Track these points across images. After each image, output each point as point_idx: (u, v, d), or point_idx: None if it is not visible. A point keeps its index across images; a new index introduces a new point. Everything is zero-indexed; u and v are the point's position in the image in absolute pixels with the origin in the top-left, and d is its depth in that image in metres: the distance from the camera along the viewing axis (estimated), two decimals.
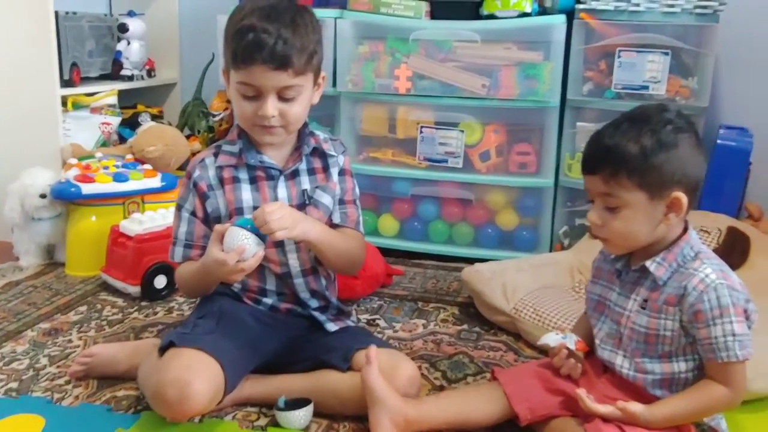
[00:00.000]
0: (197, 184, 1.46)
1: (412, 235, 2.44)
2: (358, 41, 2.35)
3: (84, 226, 2.17)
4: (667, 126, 1.19)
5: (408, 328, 1.87)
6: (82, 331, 1.79)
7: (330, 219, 1.50)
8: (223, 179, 1.46)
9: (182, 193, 1.50)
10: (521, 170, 2.31)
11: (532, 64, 2.20)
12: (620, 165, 1.18)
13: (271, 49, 1.29)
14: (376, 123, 2.40)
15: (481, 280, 1.91)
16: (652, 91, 2.13)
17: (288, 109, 1.37)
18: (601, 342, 1.33)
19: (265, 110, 1.35)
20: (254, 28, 1.30)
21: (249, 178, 1.46)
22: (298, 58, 1.32)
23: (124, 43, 2.77)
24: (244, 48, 1.31)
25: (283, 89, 1.35)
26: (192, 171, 1.48)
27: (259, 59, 1.30)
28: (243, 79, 1.34)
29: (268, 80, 1.33)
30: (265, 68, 1.31)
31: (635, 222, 1.20)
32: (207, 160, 1.48)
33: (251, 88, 1.35)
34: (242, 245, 1.29)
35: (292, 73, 1.33)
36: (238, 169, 1.46)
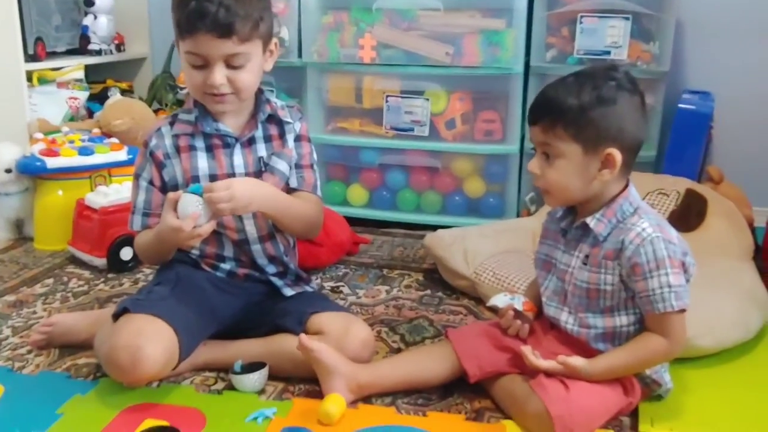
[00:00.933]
0: (154, 153, 1.47)
1: (381, 204, 2.46)
2: (323, 11, 2.35)
3: (51, 200, 2.18)
4: (609, 82, 1.21)
5: (371, 294, 1.89)
6: (47, 303, 1.81)
7: (287, 184, 1.52)
8: (179, 147, 1.47)
9: (139, 162, 1.51)
10: (487, 137, 2.33)
11: (495, 31, 2.21)
12: (558, 116, 1.20)
13: (213, 17, 1.30)
14: (343, 93, 2.41)
15: (442, 246, 1.93)
16: (613, 56, 2.15)
17: (236, 77, 1.38)
18: (548, 299, 1.35)
19: (213, 79, 1.36)
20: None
21: (205, 146, 1.47)
22: (242, 25, 1.33)
23: (91, 18, 2.75)
24: (186, 17, 1.31)
25: (229, 57, 1.35)
26: (149, 140, 1.49)
27: (203, 28, 1.31)
28: (189, 49, 1.35)
29: (213, 49, 1.33)
30: (209, 37, 1.31)
31: (569, 174, 1.22)
32: (163, 129, 1.49)
33: (198, 57, 1.36)
34: (196, 212, 1.30)
35: (237, 41, 1.33)
36: (194, 137, 1.47)
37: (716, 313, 1.52)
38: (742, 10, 2.38)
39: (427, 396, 1.37)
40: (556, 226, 1.36)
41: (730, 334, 1.52)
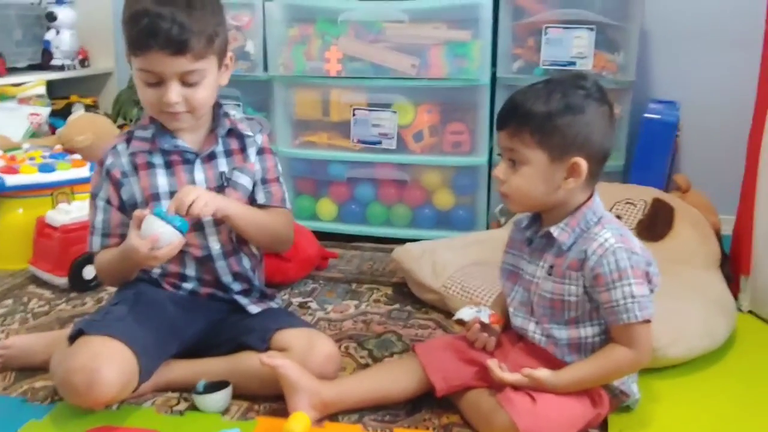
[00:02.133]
0: (110, 172, 1.44)
1: (350, 218, 2.43)
2: (288, 24, 2.33)
3: (11, 218, 2.13)
4: (578, 91, 1.21)
5: (340, 309, 1.86)
6: (5, 325, 1.76)
7: (251, 199, 1.49)
8: (137, 165, 1.43)
9: (95, 181, 1.47)
10: (455, 149, 2.32)
11: (461, 42, 2.21)
12: (525, 122, 1.20)
13: (166, 35, 1.26)
14: (310, 107, 2.39)
15: (410, 259, 1.91)
16: (579, 66, 2.15)
17: (192, 94, 1.35)
18: (515, 310, 1.34)
19: (167, 97, 1.33)
20: (148, 12, 1.27)
21: (164, 163, 1.44)
22: (196, 42, 1.30)
23: (53, 33, 2.72)
24: (138, 34, 1.28)
25: (184, 74, 1.32)
26: (104, 158, 1.45)
27: (155, 46, 1.27)
28: (142, 66, 1.32)
29: (167, 66, 1.30)
30: (162, 54, 1.28)
31: (534, 180, 1.22)
32: (119, 147, 1.45)
33: (152, 75, 1.32)
34: (156, 234, 1.28)
35: (191, 58, 1.30)
36: (152, 154, 1.44)
37: (684, 322, 1.52)
38: (705, 20, 2.41)
39: (395, 412, 1.35)
40: (521, 235, 1.35)
41: (698, 343, 1.52)
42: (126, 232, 1.43)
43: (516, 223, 1.39)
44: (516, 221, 1.40)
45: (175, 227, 1.29)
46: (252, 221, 1.43)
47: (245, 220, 1.41)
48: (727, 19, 2.37)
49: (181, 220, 1.30)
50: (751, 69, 1.85)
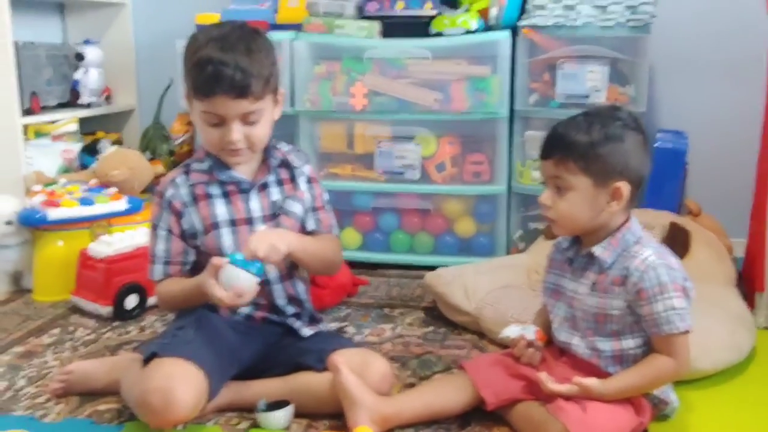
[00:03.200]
0: (171, 203, 1.52)
1: (374, 246, 2.52)
2: (315, 61, 2.44)
3: (51, 251, 2.20)
4: (616, 122, 1.32)
5: (376, 333, 1.94)
6: (57, 353, 1.82)
7: (303, 227, 1.58)
8: (196, 196, 1.52)
9: (156, 212, 1.55)
10: (476, 179, 2.42)
11: (480, 78, 2.32)
12: (569, 151, 1.30)
13: (230, 80, 1.36)
14: (335, 140, 2.49)
15: (442, 283, 2.00)
16: (593, 99, 2.27)
17: (252, 132, 1.45)
18: (559, 325, 1.43)
19: (230, 137, 1.42)
20: (212, 60, 1.37)
21: (221, 193, 1.53)
22: (256, 85, 1.39)
23: (82, 72, 2.81)
24: (204, 81, 1.38)
25: (245, 115, 1.42)
26: (164, 191, 1.54)
27: (220, 91, 1.37)
28: (206, 109, 1.42)
29: (230, 109, 1.40)
30: (226, 98, 1.38)
31: (579, 205, 1.32)
32: (178, 179, 1.54)
33: (215, 117, 1.42)
34: (240, 287, 1.36)
35: (252, 100, 1.40)
36: (209, 185, 1.53)
37: (711, 336, 1.61)
38: (708, 54, 2.55)
39: (447, 426, 1.43)
40: (562, 256, 1.45)
41: (725, 356, 1.61)
42: (186, 260, 1.53)
43: (556, 245, 1.49)
44: (556, 244, 1.49)
45: (254, 274, 1.37)
46: (311, 252, 1.51)
47: (305, 252, 1.49)
48: (731, 51, 2.51)
49: (257, 265, 1.37)
50: (755, 97, 1.97)
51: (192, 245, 1.53)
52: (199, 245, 1.52)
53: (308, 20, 2.44)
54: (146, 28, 3.09)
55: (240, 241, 1.50)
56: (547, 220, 1.39)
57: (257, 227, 1.53)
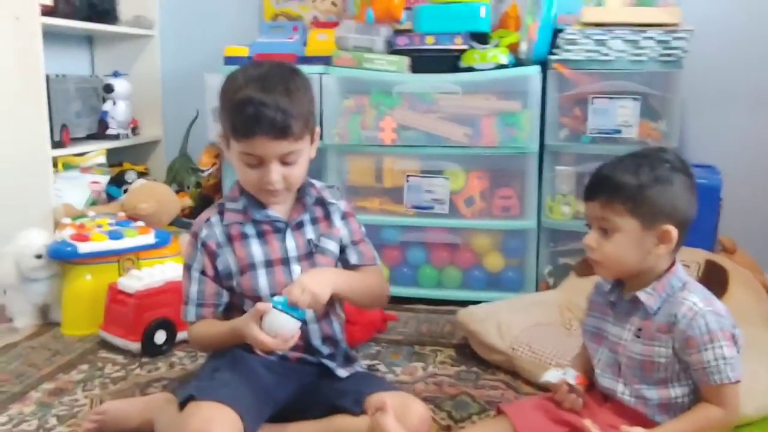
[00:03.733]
0: (206, 244, 1.51)
1: (402, 281, 2.50)
2: (344, 95, 2.45)
3: (80, 285, 2.19)
4: (665, 164, 1.30)
5: (408, 372, 1.92)
6: (87, 390, 1.80)
7: (341, 262, 1.58)
8: (231, 236, 1.51)
9: (190, 253, 1.54)
10: (505, 213, 2.40)
11: (511, 112, 2.31)
12: (616, 192, 1.28)
13: (270, 122, 1.36)
14: (363, 173, 2.48)
15: (475, 321, 1.97)
16: (624, 134, 2.26)
17: (290, 173, 1.44)
18: (601, 371, 1.40)
19: (269, 177, 1.42)
20: (252, 101, 1.36)
21: (256, 233, 1.52)
22: (296, 125, 1.39)
23: (110, 103, 2.83)
24: (244, 121, 1.37)
25: (284, 155, 1.41)
26: (198, 231, 1.53)
27: (260, 132, 1.36)
28: (245, 150, 1.41)
29: (270, 150, 1.39)
30: (266, 139, 1.37)
31: (626, 247, 1.29)
32: (213, 219, 1.53)
33: (254, 158, 1.41)
34: (285, 333, 1.35)
35: (291, 140, 1.40)
36: (244, 225, 1.52)
37: (755, 380, 1.56)
38: (740, 87, 2.54)
39: None
40: (604, 299, 1.42)
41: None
42: (219, 302, 1.52)
43: (597, 287, 1.46)
44: (597, 286, 1.47)
45: (297, 318, 1.36)
46: (358, 289, 1.52)
47: (352, 290, 1.50)
48: (763, 84, 2.49)
49: (295, 311, 1.37)
50: None
51: (226, 286, 1.52)
52: (233, 286, 1.51)
53: (337, 54, 2.44)
54: (173, 60, 3.12)
55: (276, 282, 1.49)
56: (592, 262, 1.36)
57: (293, 267, 1.52)
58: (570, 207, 2.35)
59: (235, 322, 1.42)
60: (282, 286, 1.47)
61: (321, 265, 1.53)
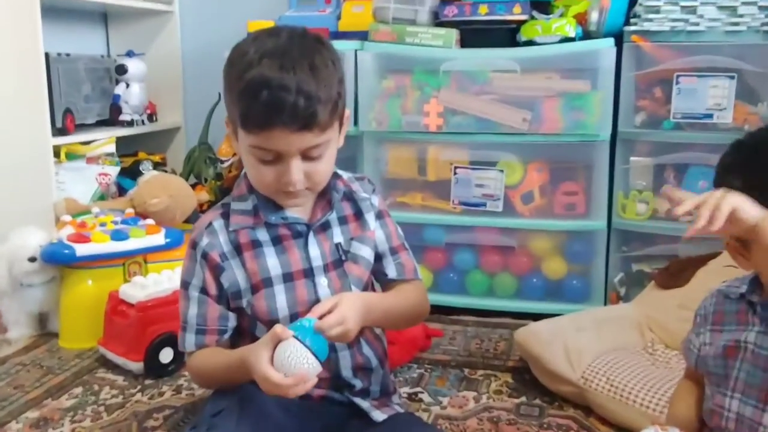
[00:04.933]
0: (207, 255, 1.20)
1: (447, 288, 2.18)
2: (382, 75, 2.13)
3: (79, 291, 1.92)
4: None
5: (457, 403, 1.60)
6: (76, 421, 1.53)
7: (374, 273, 1.29)
8: (239, 245, 1.20)
9: (188, 266, 1.23)
10: (568, 212, 2.07)
11: (578, 94, 1.97)
12: None
13: (292, 110, 1.05)
14: (404, 164, 2.17)
15: (539, 343, 1.64)
16: (716, 119, 1.90)
17: (314, 169, 1.14)
18: (742, 395, 1.05)
19: (289, 177, 1.11)
20: (268, 83, 1.05)
21: (271, 239, 1.21)
22: (323, 112, 1.08)
23: (123, 86, 2.56)
24: (258, 110, 1.06)
25: (307, 149, 1.11)
26: (198, 239, 1.22)
27: (279, 123, 1.05)
28: (258, 144, 1.10)
29: (291, 144, 1.08)
30: (286, 132, 1.06)
31: None
32: (216, 224, 1.22)
33: (269, 153, 1.10)
34: (303, 373, 1.03)
35: (318, 132, 1.09)
36: (255, 229, 1.21)
37: None
38: None
39: None
40: (736, 305, 1.08)
41: None
42: (224, 327, 1.22)
43: (722, 293, 1.11)
44: (721, 291, 1.12)
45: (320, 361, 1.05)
46: (394, 315, 1.24)
47: (387, 318, 1.21)
48: None
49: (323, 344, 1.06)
50: None
51: (234, 307, 1.21)
52: (243, 307, 1.21)
53: (375, 28, 2.12)
54: (195, 38, 2.84)
55: (297, 300, 1.19)
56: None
57: (318, 280, 1.21)
58: (647, 205, 2.00)
59: (243, 352, 1.11)
60: (305, 306, 1.17)
61: (353, 276, 1.23)
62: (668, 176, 2.00)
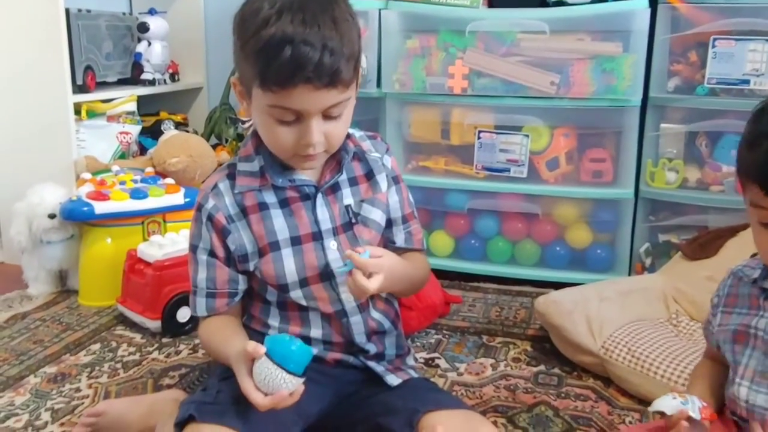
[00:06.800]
0: (213, 217, 1.16)
1: (468, 255, 2.14)
2: (406, 35, 2.07)
3: (98, 249, 1.92)
4: None
5: (474, 370, 1.57)
6: (93, 377, 1.53)
7: (386, 238, 1.25)
8: (245, 208, 1.16)
9: (194, 230, 1.19)
10: (595, 179, 2.01)
11: (609, 57, 1.90)
12: None
13: (317, 67, 0.99)
14: (427, 128, 2.12)
15: (560, 313, 1.60)
16: (753, 85, 1.82)
17: (333, 129, 1.08)
18: (751, 383, 1.01)
19: (309, 138, 1.06)
20: (290, 39, 0.99)
21: (278, 201, 1.17)
22: (347, 68, 1.03)
23: (145, 44, 2.52)
24: (280, 67, 1.00)
25: (329, 108, 1.05)
26: (203, 201, 1.18)
27: (302, 81, 1.00)
28: (278, 103, 1.04)
29: (314, 103, 1.03)
30: (310, 89, 1.01)
31: None
32: (221, 185, 1.18)
33: (290, 113, 1.05)
34: (283, 392, 0.99)
35: (341, 88, 1.04)
36: (262, 191, 1.17)
37: None
38: None
39: None
40: (750, 289, 1.03)
41: None
42: (235, 289, 1.19)
43: (737, 275, 1.07)
44: (735, 274, 1.07)
45: (296, 375, 0.99)
46: (403, 281, 1.19)
47: (396, 284, 1.16)
48: None
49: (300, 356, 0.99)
50: None
51: (242, 270, 1.19)
52: (252, 270, 1.18)
53: None
54: None
55: (307, 264, 1.16)
56: None
57: (327, 243, 1.17)
58: (677, 174, 1.94)
59: (232, 353, 1.06)
60: (314, 271, 1.15)
61: (363, 241, 1.19)
62: (700, 144, 1.93)
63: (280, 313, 1.20)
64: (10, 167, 2.17)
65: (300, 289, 1.17)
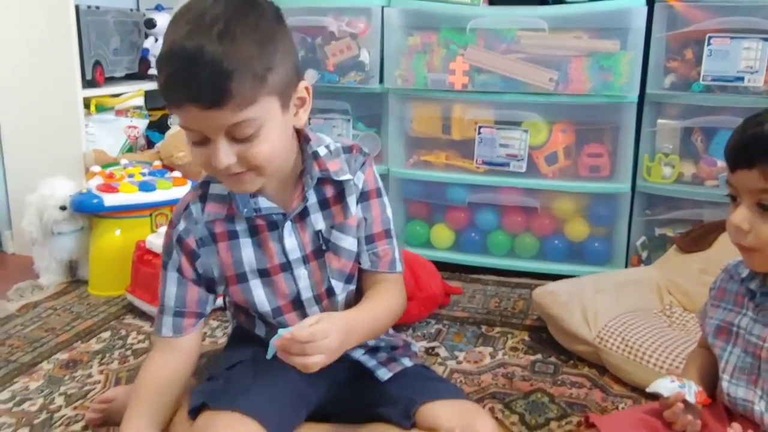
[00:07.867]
0: (183, 241, 1.14)
1: (468, 248, 2.19)
2: (408, 32, 2.12)
3: (108, 240, 1.97)
4: None
5: (473, 358, 1.62)
6: (104, 363, 1.58)
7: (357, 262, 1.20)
8: (215, 234, 1.13)
9: (166, 246, 1.17)
10: (593, 174, 2.06)
11: (606, 54, 1.94)
12: None
13: (198, 83, 0.91)
14: (429, 123, 2.16)
15: (556, 303, 1.65)
16: (747, 83, 1.86)
17: (248, 151, 0.98)
18: (732, 377, 1.06)
19: (215, 161, 0.98)
20: (173, 53, 0.93)
21: (248, 228, 1.13)
22: (240, 85, 0.92)
23: (152, 40, 2.56)
24: (165, 86, 0.95)
25: (230, 129, 0.96)
26: (176, 221, 1.15)
27: (186, 99, 0.93)
28: (181, 123, 0.98)
29: (207, 124, 0.95)
30: (194, 109, 0.93)
31: None
32: (192, 208, 1.14)
33: (193, 133, 0.98)
34: None
35: (234, 107, 0.93)
36: (232, 220, 1.13)
37: None
38: None
39: None
40: (738, 287, 1.08)
41: None
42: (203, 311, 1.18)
43: (729, 272, 1.12)
44: (728, 270, 1.12)
45: None
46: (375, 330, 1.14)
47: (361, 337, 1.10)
48: None
49: None
50: None
51: (211, 291, 1.19)
52: (221, 294, 1.20)
53: None
54: None
55: (279, 293, 1.15)
56: (741, 248, 1.01)
57: (297, 272, 1.15)
58: (672, 169, 1.98)
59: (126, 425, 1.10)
60: (286, 299, 1.15)
61: (333, 270, 1.15)
62: (695, 140, 1.97)
63: (265, 327, 1.21)
64: (22, 160, 2.22)
65: (273, 318, 1.16)
